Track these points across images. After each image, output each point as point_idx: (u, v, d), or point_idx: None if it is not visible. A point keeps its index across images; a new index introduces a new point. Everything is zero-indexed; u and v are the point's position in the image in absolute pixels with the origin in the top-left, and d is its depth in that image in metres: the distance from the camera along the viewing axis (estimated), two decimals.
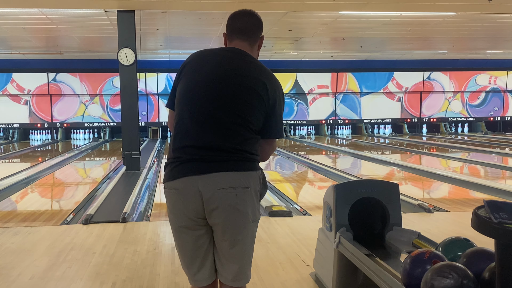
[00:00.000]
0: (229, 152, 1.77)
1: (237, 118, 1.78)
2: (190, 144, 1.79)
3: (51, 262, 3.36)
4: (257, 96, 1.80)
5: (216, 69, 1.84)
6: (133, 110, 8.11)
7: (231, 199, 1.78)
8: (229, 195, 1.78)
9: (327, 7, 8.13)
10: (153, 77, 15.44)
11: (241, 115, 1.78)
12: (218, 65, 1.85)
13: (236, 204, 1.79)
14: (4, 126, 15.18)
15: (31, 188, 6.90)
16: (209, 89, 1.80)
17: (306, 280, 2.98)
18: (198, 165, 1.77)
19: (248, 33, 1.93)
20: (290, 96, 16.22)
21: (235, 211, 1.79)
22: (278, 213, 4.67)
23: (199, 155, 1.78)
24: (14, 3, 7.78)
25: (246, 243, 1.90)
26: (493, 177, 7.71)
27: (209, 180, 1.76)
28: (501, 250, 1.49)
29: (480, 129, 17.30)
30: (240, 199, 1.79)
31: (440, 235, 3.55)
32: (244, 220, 1.83)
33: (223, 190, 1.77)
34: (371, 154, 10.69)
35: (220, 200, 1.77)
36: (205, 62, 1.88)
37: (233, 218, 1.80)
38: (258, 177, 1.86)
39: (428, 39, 12.26)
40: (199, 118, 1.79)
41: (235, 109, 1.78)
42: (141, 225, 4.46)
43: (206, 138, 1.78)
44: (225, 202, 1.78)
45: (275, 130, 1.89)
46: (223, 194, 1.77)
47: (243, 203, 1.80)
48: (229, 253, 1.86)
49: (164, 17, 8.83)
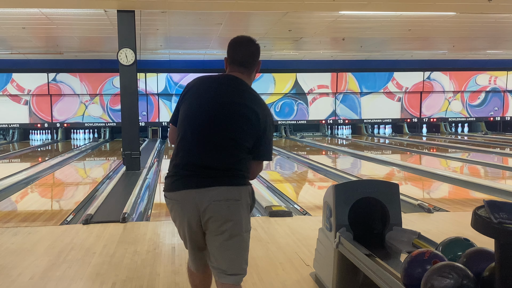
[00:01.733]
0: (223, 170, 2.01)
1: (231, 141, 2.01)
2: (191, 162, 2.03)
3: (51, 262, 3.36)
4: (249, 123, 2.02)
5: (215, 97, 2.06)
6: (133, 110, 8.11)
7: (224, 210, 1.99)
8: (222, 207, 1.98)
9: (327, 7, 8.13)
10: (153, 77, 15.44)
11: (235, 139, 2.01)
12: (216, 94, 2.07)
13: (228, 215, 2.00)
14: (4, 126, 15.18)
15: (31, 188, 6.90)
16: (208, 115, 2.04)
17: (306, 280, 2.98)
18: (196, 181, 2.00)
19: (246, 65, 2.14)
20: (290, 96, 16.22)
21: (228, 221, 2.00)
22: (278, 213, 4.67)
23: (198, 172, 2.01)
24: (14, 3, 7.78)
25: (240, 244, 2.05)
26: (493, 177, 7.71)
27: (204, 193, 1.98)
28: (501, 250, 1.49)
29: (480, 129, 17.30)
30: (232, 210, 2.00)
31: (440, 235, 3.55)
32: (238, 228, 2.02)
33: (217, 202, 1.98)
34: (371, 154, 10.69)
35: (214, 211, 1.98)
36: (207, 88, 2.11)
37: (227, 226, 2.00)
38: (248, 191, 2.08)
39: (428, 39, 12.26)
40: (200, 140, 2.03)
41: (231, 134, 2.01)
42: (141, 225, 4.46)
43: (205, 158, 2.01)
44: (218, 212, 1.99)
45: (264, 153, 2.11)
46: (217, 205, 1.98)
47: (235, 214, 2.01)
48: (224, 244, 2.02)
49: (164, 17, 8.83)
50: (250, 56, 2.14)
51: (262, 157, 2.11)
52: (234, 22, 9.49)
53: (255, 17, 9.25)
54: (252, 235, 3.95)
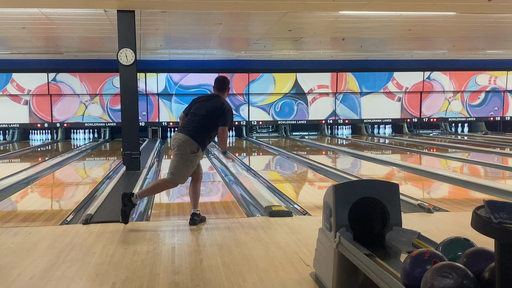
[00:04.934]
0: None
1: (205, 119, 4.39)
2: (184, 121, 4.49)
3: (51, 262, 3.36)
4: (218, 111, 4.40)
5: (205, 102, 4.50)
6: (133, 110, 8.11)
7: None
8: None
9: (327, 7, 8.13)
10: (153, 77, 15.44)
11: (209, 119, 4.39)
12: (204, 100, 4.53)
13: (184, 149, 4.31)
14: (4, 126, 15.19)
15: (31, 188, 6.90)
16: (200, 109, 4.46)
17: (306, 280, 2.98)
18: (180, 128, 4.41)
19: (222, 89, 4.63)
20: (290, 96, 16.23)
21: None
22: (278, 213, 4.67)
23: (183, 125, 4.43)
24: (14, 3, 7.78)
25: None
26: (493, 177, 7.71)
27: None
28: (501, 250, 1.49)
29: (480, 129, 17.31)
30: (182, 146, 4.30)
31: (440, 235, 3.56)
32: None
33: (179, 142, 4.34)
34: (371, 154, 10.69)
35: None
36: (203, 99, 4.56)
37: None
38: (195, 144, 4.30)
39: (428, 39, 12.26)
40: (191, 116, 4.46)
41: (207, 117, 4.40)
42: (141, 225, 4.46)
43: (189, 122, 4.41)
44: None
45: (223, 122, 4.39)
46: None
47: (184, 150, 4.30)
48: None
49: (164, 17, 8.84)
50: (222, 87, 4.63)
51: (221, 125, 4.41)
52: (234, 22, 9.49)
53: (255, 17, 9.26)
54: (252, 235, 3.99)
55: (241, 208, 5.22)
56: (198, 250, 3.65)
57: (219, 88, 4.63)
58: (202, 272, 3.14)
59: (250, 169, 8.44)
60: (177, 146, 4.27)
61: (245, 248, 3.65)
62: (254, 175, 7.70)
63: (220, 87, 4.63)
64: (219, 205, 5.46)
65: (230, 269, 3.18)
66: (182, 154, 4.25)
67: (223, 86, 4.63)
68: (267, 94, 16.05)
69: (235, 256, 3.48)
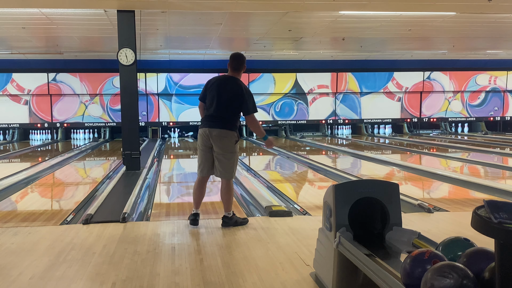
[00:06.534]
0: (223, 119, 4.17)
1: (229, 107, 4.18)
2: (209, 114, 4.19)
3: (51, 262, 3.36)
4: (239, 97, 4.17)
5: (222, 88, 4.20)
6: (133, 110, 8.11)
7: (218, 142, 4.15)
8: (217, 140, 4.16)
9: (327, 7, 8.13)
10: (153, 77, 15.44)
11: (232, 105, 4.19)
12: (221, 86, 4.21)
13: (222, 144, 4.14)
14: (4, 126, 15.18)
15: (31, 188, 6.90)
16: (220, 97, 4.18)
17: (306, 280, 2.98)
18: (210, 123, 4.15)
19: (238, 69, 4.22)
20: (290, 96, 16.23)
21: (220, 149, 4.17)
22: (278, 213, 4.67)
23: (212, 119, 4.16)
24: (14, 3, 7.78)
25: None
26: (493, 177, 7.71)
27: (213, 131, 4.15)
28: (501, 250, 1.49)
29: (480, 129, 17.31)
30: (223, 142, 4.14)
31: (440, 235, 3.55)
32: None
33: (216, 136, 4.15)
34: (371, 154, 10.69)
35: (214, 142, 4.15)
36: (218, 84, 4.20)
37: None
38: (234, 133, 4.16)
39: (428, 39, 12.25)
40: (215, 106, 4.17)
41: (230, 104, 4.19)
42: (141, 225, 4.46)
43: (216, 112, 4.16)
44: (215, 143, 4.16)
45: (246, 110, 4.17)
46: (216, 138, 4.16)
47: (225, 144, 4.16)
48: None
49: (164, 17, 8.83)
50: (239, 64, 4.23)
51: (245, 112, 4.20)
52: (234, 22, 9.49)
53: (255, 17, 9.25)
54: (252, 235, 3.99)
55: (241, 208, 5.22)
56: (198, 250, 3.65)
57: (235, 67, 4.15)
58: (202, 272, 3.14)
59: (250, 169, 8.43)
60: (220, 143, 4.06)
61: (245, 248, 3.65)
62: (254, 175, 7.70)
63: (236, 66, 4.15)
64: (219, 205, 5.46)
65: (230, 269, 3.18)
66: (227, 151, 4.08)
67: (239, 65, 4.15)
68: (267, 94, 16.04)
69: (235, 256, 3.48)
